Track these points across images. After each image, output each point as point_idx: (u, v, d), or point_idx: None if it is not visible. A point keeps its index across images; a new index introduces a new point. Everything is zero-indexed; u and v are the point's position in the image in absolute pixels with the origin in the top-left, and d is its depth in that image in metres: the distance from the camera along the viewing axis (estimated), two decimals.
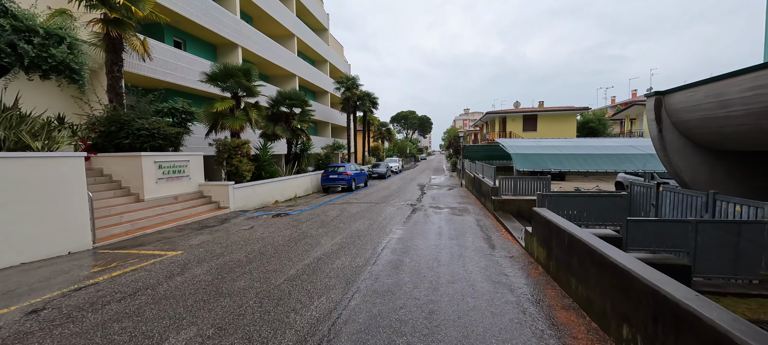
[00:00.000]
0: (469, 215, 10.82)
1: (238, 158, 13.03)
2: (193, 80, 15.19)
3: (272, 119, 17.83)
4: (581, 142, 17.87)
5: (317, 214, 11.34)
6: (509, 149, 16.62)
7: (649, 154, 14.80)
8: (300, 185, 17.31)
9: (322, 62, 31.06)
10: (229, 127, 13.63)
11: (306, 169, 19.80)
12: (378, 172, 26.59)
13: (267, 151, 15.86)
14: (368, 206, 12.97)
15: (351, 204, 13.70)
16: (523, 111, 32.68)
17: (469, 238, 7.79)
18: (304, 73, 26.45)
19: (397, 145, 48.77)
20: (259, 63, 22.66)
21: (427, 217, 10.59)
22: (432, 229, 8.85)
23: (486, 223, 9.52)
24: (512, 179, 10.66)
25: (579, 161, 14.97)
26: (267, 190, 14.30)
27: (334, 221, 10.06)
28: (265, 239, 7.93)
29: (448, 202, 14.04)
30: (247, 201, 13.02)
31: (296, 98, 17.94)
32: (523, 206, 10.19)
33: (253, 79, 14.57)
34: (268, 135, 17.47)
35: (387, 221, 9.96)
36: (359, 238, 7.86)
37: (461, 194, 16.67)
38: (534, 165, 14.94)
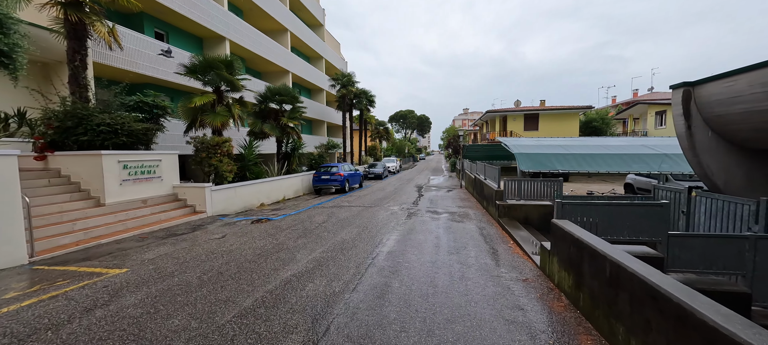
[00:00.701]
0: (470, 222, 9.57)
1: (218, 157, 11.76)
2: (175, 74, 13.91)
3: (260, 116, 16.57)
4: (589, 141, 16.61)
5: (302, 220, 10.09)
6: (512, 149, 15.34)
7: (664, 154, 13.55)
8: (289, 186, 16.05)
9: (318, 59, 29.77)
10: (209, 123, 12.37)
11: (297, 169, 18.54)
12: (374, 173, 25.33)
13: (252, 150, 14.60)
14: (360, 210, 11.71)
15: (341, 208, 12.45)
16: (524, 110, 31.42)
17: (472, 252, 6.53)
18: (298, 70, 25.19)
19: (396, 144, 47.50)
20: (250, 58, 21.42)
21: (424, 224, 9.34)
22: (428, 239, 7.59)
23: (490, 232, 8.27)
24: (518, 181, 9.41)
25: (588, 161, 13.70)
26: (251, 192, 13.05)
27: (319, 229, 8.80)
28: (233, 252, 6.67)
29: (446, 205, 12.79)
30: (227, 204, 11.77)
31: (286, 94, 16.68)
32: (532, 212, 8.94)
33: (237, 72, 13.31)
34: (255, 133, 16.22)
35: (378, 229, 8.70)
36: (342, 252, 6.60)
37: (461, 197, 15.42)
38: (540, 165, 13.68)
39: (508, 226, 8.34)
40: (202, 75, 12.76)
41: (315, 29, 29.55)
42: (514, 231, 7.90)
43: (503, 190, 9.52)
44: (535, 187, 9.26)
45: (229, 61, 12.83)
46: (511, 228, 8.18)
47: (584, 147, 15.10)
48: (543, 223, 8.88)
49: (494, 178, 10.64)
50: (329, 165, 17.84)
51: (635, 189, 16.78)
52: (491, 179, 11.28)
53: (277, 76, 23.92)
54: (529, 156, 14.40)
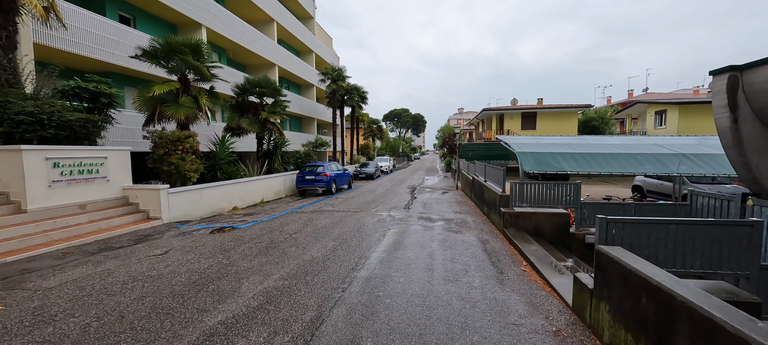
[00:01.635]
0: (469, 232, 7.98)
1: (179, 155, 10.04)
2: (131, 59, 12.10)
3: (238, 110, 14.84)
4: (596, 139, 15.10)
5: (272, 229, 8.41)
6: (514, 147, 13.75)
7: (681, 154, 12.07)
8: (269, 188, 14.34)
9: (307, 53, 28.00)
10: (170, 115, 10.60)
11: (280, 168, 16.83)
12: (366, 172, 23.67)
13: (225, 147, 12.88)
14: (343, 216, 10.06)
15: (323, 212, 10.79)
16: (521, 108, 29.98)
17: (476, 279, 4.92)
18: (286, 63, 23.41)
19: (390, 143, 45.86)
20: (232, 49, 19.63)
21: (416, 234, 7.72)
22: (420, 257, 5.97)
23: (495, 247, 6.67)
24: (528, 185, 7.82)
25: (598, 161, 12.15)
26: (221, 194, 11.32)
27: (287, 241, 7.14)
28: (162, 278, 4.99)
29: (442, 210, 11.19)
30: (190, 209, 10.05)
31: (267, 86, 14.95)
32: (544, 222, 7.37)
33: (206, 59, 11.57)
34: (232, 129, 14.49)
35: (360, 242, 7.06)
36: (306, 279, 4.96)
37: (457, 199, 13.84)
38: (545, 165, 12.10)
39: (517, 238, 6.75)
40: (164, 61, 11.01)
41: (304, 21, 27.77)
42: (523, 245, 6.31)
43: (509, 195, 7.93)
44: (548, 191, 7.69)
45: (196, 44, 11.07)
46: (520, 241, 6.59)
47: (592, 146, 13.54)
48: (557, 235, 7.31)
49: (498, 180, 9.04)
50: (314, 164, 16.15)
51: (645, 192, 15.34)
52: (494, 182, 9.69)
53: (263, 69, 22.11)
54: (533, 155, 12.80)
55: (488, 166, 10.87)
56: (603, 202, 7.23)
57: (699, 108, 27.03)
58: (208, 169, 12.19)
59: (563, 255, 6.76)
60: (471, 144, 24.08)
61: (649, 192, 14.93)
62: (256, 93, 14.93)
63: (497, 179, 9.24)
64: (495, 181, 9.56)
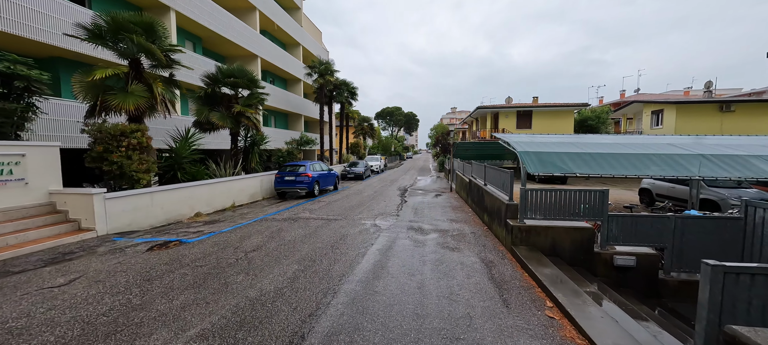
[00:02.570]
0: (469, 250, 6.43)
1: (124, 152, 8.29)
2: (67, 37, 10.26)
3: (208, 102, 13.07)
4: (605, 138, 13.68)
5: (228, 244, 6.75)
6: (516, 146, 12.23)
7: (700, 155, 10.72)
8: (243, 190, 12.62)
9: (294, 46, 26.17)
10: (117, 106, 8.80)
11: (258, 168, 15.11)
12: (354, 172, 22.03)
13: (188, 144, 11.11)
14: (319, 226, 8.43)
15: (297, 220, 9.14)
16: (517, 106, 28.62)
17: (487, 335, 3.37)
18: (270, 56, 21.59)
19: (382, 142, 44.21)
20: (208, 38, 17.79)
21: (403, 253, 6.14)
22: (406, 293, 4.40)
23: (504, 274, 5.12)
24: (541, 192, 6.27)
25: (610, 162, 10.67)
26: (179, 198, 9.59)
27: (240, 264, 5.50)
28: (23, 336, 3.33)
29: (435, 217, 9.63)
30: (138, 216, 8.33)
31: (241, 76, 13.20)
32: (562, 239, 5.85)
33: (162, 40, 9.80)
34: (201, 123, 12.72)
35: (331, 265, 5.45)
36: (236, 337, 3.33)
37: (452, 204, 12.31)
38: (552, 167, 10.60)
39: (531, 262, 5.22)
40: (112, 42, 9.23)
41: (291, 12, 25.92)
42: (539, 270, 4.78)
43: (518, 204, 6.39)
44: (566, 200, 6.15)
45: (149, 23, 9.28)
46: (535, 265, 5.06)
47: (601, 145, 12.08)
48: (578, 253, 5.80)
49: (503, 185, 7.48)
50: (296, 163, 14.47)
51: (654, 196, 14.01)
52: (498, 187, 8.13)
53: (244, 61, 20.27)
54: (537, 155, 11.27)
55: (489, 168, 9.33)
56: (637, 215, 5.74)
57: (696, 108, 26.08)
58: (166, 168, 10.44)
59: (584, 278, 5.26)
60: (466, 143, 22.59)
61: (658, 196, 13.59)
62: (228, 84, 13.18)
63: (501, 184, 7.68)
64: (499, 186, 8.00)
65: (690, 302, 5.51)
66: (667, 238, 5.60)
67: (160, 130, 12.33)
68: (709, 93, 30.69)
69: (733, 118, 25.53)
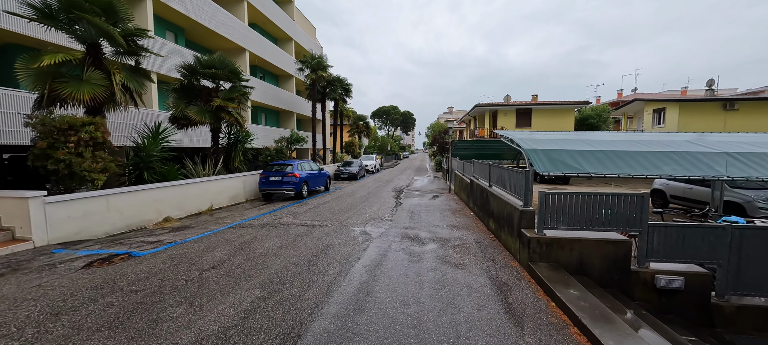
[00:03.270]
0: (476, 266, 5.27)
1: (73, 148, 7.06)
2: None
3: (185, 96, 11.83)
4: (618, 136, 12.60)
5: (184, 258, 5.54)
6: (522, 144, 11.05)
7: (725, 153, 9.66)
8: (222, 191, 11.39)
9: (286, 40, 24.89)
10: (69, 96, 7.55)
11: (242, 167, 13.88)
12: (348, 172, 20.82)
13: (157, 141, 9.87)
14: (301, 234, 7.24)
15: (276, 227, 7.95)
16: (516, 104, 27.55)
17: None
18: (259, 50, 20.33)
19: (378, 141, 43.01)
20: (191, 28, 16.51)
21: (395, 270, 4.97)
22: (398, 329, 3.23)
23: (524, 303, 3.97)
24: (564, 196, 5.08)
25: (628, 161, 9.54)
26: (143, 201, 8.36)
27: (188, 288, 4.30)
28: None
29: (433, 223, 8.47)
30: (90, 223, 7.09)
31: (222, 67, 11.96)
32: (591, 253, 4.70)
33: (124, 22, 8.57)
34: (178, 118, 11.50)
35: (304, 290, 4.27)
36: None
37: (452, 206, 11.16)
38: (563, 166, 9.45)
39: (557, 285, 4.07)
40: (66, 23, 8.00)
41: (282, 5, 24.65)
42: (567, 297, 3.64)
43: (535, 210, 5.24)
44: (596, 205, 4.97)
45: (108, 2, 8.06)
46: (561, 288, 3.92)
47: (614, 142, 10.96)
48: (610, 272, 4.66)
49: (516, 188, 6.27)
50: (282, 163, 13.25)
51: (668, 198, 12.96)
52: (508, 190, 6.94)
53: (231, 55, 18.98)
54: (546, 153, 10.10)
55: (495, 168, 8.17)
56: (683, 224, 4.55)
57: (699, 106, 25.21)
58: (132, 167, 9.21)
59: (621, 301, 4.13)
60: (465, 141, 21.51)
61: (673, 198, 12.52)
62: (208, 75, 11.94)
63: (513, 186, 6.48)
64: (509, 189, 6.81)
65: (750, 332, 4.42)
66: (721, 253, 4.48)
67: (125, 125, 11.10)
68: (711, 91, 29.83)
69: (737, 117, 24.64)
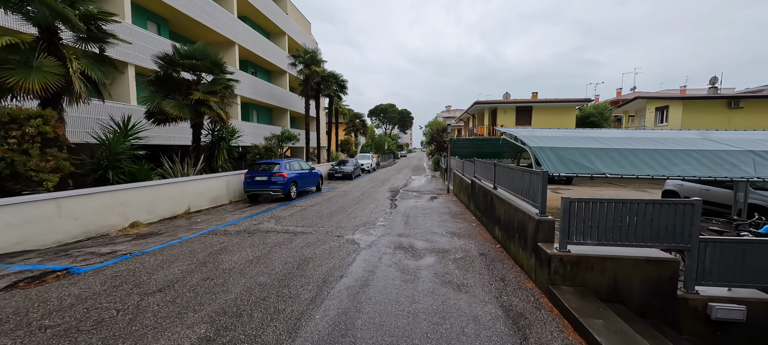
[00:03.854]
0: (481, 286, 4.31)
1: (15, 144, 6.05)
2: None
3: (162, 88, 10.80)
4: (632, 133, 11.67)
5: (134, 275, 4.55)
6: (528, 141, 10.06)
7: (750, 151, 8.77)
8: (201, 192, 10.39)
9: (279, 35, 23.82)
10: (19, 85, 6.54)
11: (227, 166, 12.86)
12: (343, 172, 19.82)
13: (125, 139, 8.86)
14: (279, 243, 6.26)
15: (254, 234, 6.95)
16: (516, 102, 26.61)
17: None
18: (250, 44, 19.27)
19: (375, 140, 41.97)
20: (176, 19, 15.46)
21: (383, 296, 3.99)
22: None
23: (540, 338, 3.03)
24: (594, 203, 4.07)
25: (645, 160, 8.60)
26: (105, 205, 7.34)
27: (120, 318, 3.31)
28: None
29: (431, 230, 7.51)
30: (35, 231, 6.08)
31: (202, 58, 10.93)
32: (628, 275, 3.74)
33: (84, 3, 7.54)
34: (154, 113, 10.48)
35: (266, 323, 3.29)
36: None
37: (451, 209, 10.21)
38: (574, 166, 8.49)
39: (587, 317, 3.12)
40: (15, 2, 6.98)
41: None
42: (597, 329, 2.70)
43: (556, 220, 4.27)
44: (633, 215, 3.98)
45: None
46: (593, 321, 2.98)
47: (628, 139, 10.02)
48: (651, 298, 3.71)
49: (529, 192, 5.14)
50: (269, 161, 12.24)
51: (682, 198, 12.07)
52: (518, 194, 5.87)
53: (219, 48, 17.91)
54: (556, 152, 9.13)
55: (501, 167, 7.19)
56: (741, 239, 3.57)
57: (703, 104, 24.41)
58: (93, 167, 8.18)
59: (668, 340, 3.18)
60: (464, 139, 20.56)
61: None
62: (187, 67, 10.90)
63: (525, 190, 5.45)
64: (521, 193, 5.77)
65: None
66: None
67: (91, 120, 10.09)
68: (714, 89, 29.01)
69: (742, 115, 23.83)
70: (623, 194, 13.40)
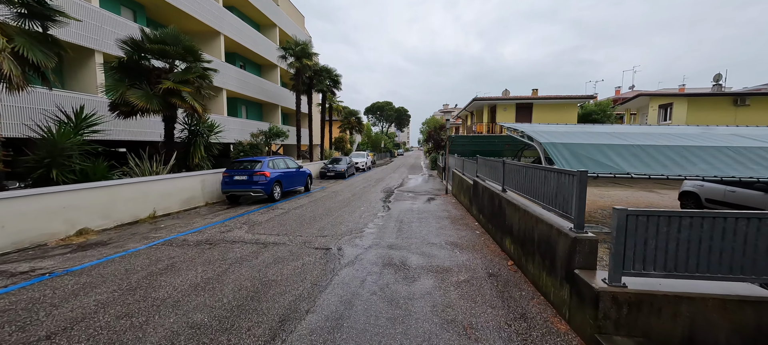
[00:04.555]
0: (497, 328, 3.15)
1: None
2: None
3: (128, 76, 9.55)
4: (650, 129, 10.53)
5: (28, 309, 3.34)
6: (537, 137, 8.88)
7: None
8: (171, 194, 9.16)
9: (269, 27, 22.52)
10: None
11: (205, 164, 11.62)
12: (335, 171, 18.60)
13: (75, 133, 7.60)
14: (241, 258, 5.06)
15: (217, 245, 5.75)
16: (516, 99, 25.46)
17: None
18: (237, 35, 17.97)
19: (371, 138, 40.76)
20: (154, 6, 14.16)
21: (364, 342, 2.84)
22: None
23: None
24: (662, 217, 2.85)
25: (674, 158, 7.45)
26: (44, 209, 6.10)
27: None
28: None
29: (428, 239, 6.34)
30: None
31: (173, 43, 9.68)
32: (716, 324, 2.57)
33: None
34: (117, 105, 9.24)
35: None
36: None
37: (451, 213, 9.04)
38: (593, 164, 7.30)
39: None
40: None
41: None
42: None
43: (596, 238, 3.09)
44: (720, 232, 2.79)
45: None
46: None
47: (649, 135, 8.88)
48: None
49: (560, 201, 3.34)
50: (251, 159, 11.01)
51: (703, 201, 10.94)
52: (542, 202, 4.02)
53: (203, 39, 16.65)
54: (569, 148, 7.96)
55: (511, 166, 6.00)
56: None
57: (709, 101, 23.43)
58: (34, 165, 6.93)
59: None
60: (463, 136, 19.39)
61: (710, 202, 10.45)
62: (156, 52, 9.65)
63: (551, 195, 3.73)
64: (543, 200, 4.06)
65: None
66: None
67: (35, 110, 8.84)
68: (718, 86, 28.02)
69: (748, 113, 22.82)
70: (629, 195, 12.28)
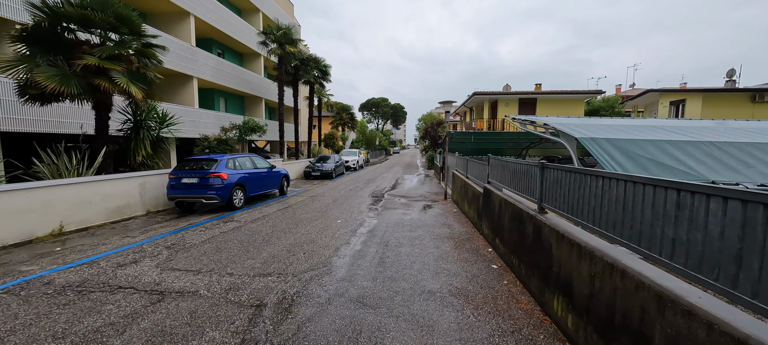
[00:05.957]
0: None
1: None
2: None
3: (43, 50, 7.30)
4: (710, 123, 8.35)
5: None
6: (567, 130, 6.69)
7: None
8: (94, 202, 6.95)
9: (252, 12, 20.18)
10: None
11: (153, 163, 9.40)
12: (322, 170, 16.39)
13: None
14: (114, 322, 2.91)
15: (85, 295, 3.57)
16: (518, 93, 23.33)
17: None
18: (210, 17, 15.66)
19: (366, 135, 38.56)
20: None
21: None
22: None
23: None
24: None
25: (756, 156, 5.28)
26: None
27: None
28: None
29: (420, 281, 4.21)
30: None
31: (101, 9, 7.42)
32: None
33: None
34: (24, 87, 7.04)
35: None
36: None
37: (453, 230, 6.90)
38: (655, 167, 5.13)
39: None
40: None
41: None
42: None
43: None
44: None
45: None
46: None
47: (703, 130, 6.69)
48: None
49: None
50: (204, 158, 8.80)
51: None
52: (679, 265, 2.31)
53: (169, 20, 14.37)
54: (617, 146, 5.76)
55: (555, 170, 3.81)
56: None
57: (725, 97, 21.60)
58: None
59: None
60: (462, 133, 17.24)
61: None
62: (76, 19, 7.40)
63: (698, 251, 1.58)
64: (668, 257, 1.87)
65: None
66: None
67: None
68: (732, 82, 26.05)
69: (766, 110, 20.96)
70: None
